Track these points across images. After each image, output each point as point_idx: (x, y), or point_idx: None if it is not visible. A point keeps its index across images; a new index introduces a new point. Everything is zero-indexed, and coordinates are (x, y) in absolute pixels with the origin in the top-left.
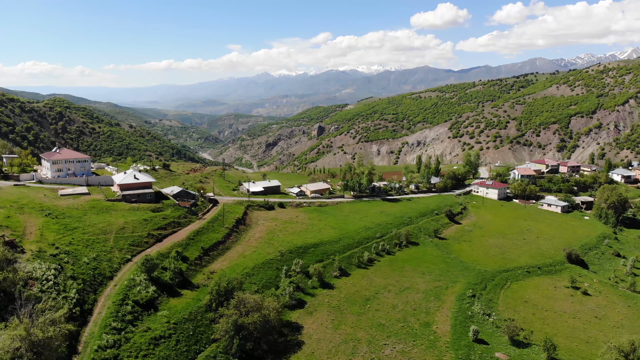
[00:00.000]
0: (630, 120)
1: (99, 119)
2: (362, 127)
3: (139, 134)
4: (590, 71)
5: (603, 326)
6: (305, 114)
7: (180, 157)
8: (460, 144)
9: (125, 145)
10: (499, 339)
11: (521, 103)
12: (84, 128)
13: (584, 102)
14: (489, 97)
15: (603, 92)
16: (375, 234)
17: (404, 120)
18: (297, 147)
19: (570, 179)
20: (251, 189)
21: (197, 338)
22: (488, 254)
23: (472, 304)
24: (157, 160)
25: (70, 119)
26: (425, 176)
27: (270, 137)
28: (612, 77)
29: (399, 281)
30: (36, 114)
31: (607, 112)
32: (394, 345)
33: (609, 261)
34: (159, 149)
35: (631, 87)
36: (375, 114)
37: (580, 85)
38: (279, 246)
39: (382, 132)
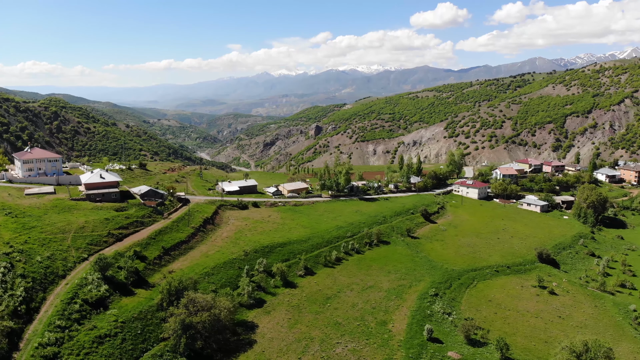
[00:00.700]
0: (625, 120)
1: (95, 118)
2: (359, 126)
3: (136, 134)
4: (586, 71)
5: (565, 326)
6: (303, 113)
7: (177, 156)
8: (455, 144)
9: (120, 145)
10: (455, 338)
11: (517, 103)
12: (79, 128)
13: (580, 102)
14: (486, 97)
15: (599, 91)
16: (346, 233)
17: (400, 120)
18: (295, 146)
19: (553, 179)
20: (226, 188)
21: (145, 337)
22: (459, 253)
23: (433, 303)
24: (135, 160)
25: (65, 119)
26: (404, 176)
27: (268, 137)
28: (608, 76)
29: (363, 280)
30: (31, 114)
31: (602, 112)
32: (347, 344)
33: (582, 261)
34: (155, 148)
35: (627, 86)
36: (373, 114)
37: (577, 84)
38: (245, 246)
39: (379, 132)
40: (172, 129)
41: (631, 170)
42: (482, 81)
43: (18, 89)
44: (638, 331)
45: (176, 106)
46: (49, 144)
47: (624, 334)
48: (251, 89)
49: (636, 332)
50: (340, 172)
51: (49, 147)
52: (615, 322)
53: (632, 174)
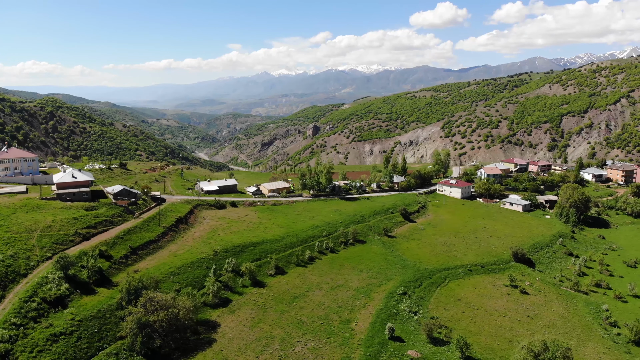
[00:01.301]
0: (621, 120)
1: (91, 118)
2: (356, 126)
3: (133, 134)
4: (583, 70)
5: (532, 325)
6: (302, 113)
7: (174, 156)
8: (452, 144)
9: (115, 144)
10: (418, 336)
11: (514, 102)
12: (75, 128)
13: (576, 102)
14: (483, 97)
15: (595, 91)
16: (322, 233)
17: (397, 120)
18: (292, 146)
19: (538, 178)
20: (205, 188)
21: (102, 335)
22: (434, 252)
23: (401, 302)
24: (115, 160)
25: (61, 119)
26: (387, 175)
27: (266, 137)
28: (605, 76)
29: (333, 279)
30: (27, 114)
31: (598, 112)
32: (307, 343)
33: (559, 260)
34: (152, 148)
35: (623, 86)
36: (370, 114)
37: (573, 84)
38: (216, 245)
39: (376, 132)
40: (170, 129)
41: (618, 169)
42: (480, 81)
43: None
44: (607, 331)
45: (176, 106)
46: (45, 144)
47: (592, 334)
48: (251, 89)
49: (605, 332)
50: (322, 172)
51: (44, 146)
52: (585, 322)
53: (619, 174)
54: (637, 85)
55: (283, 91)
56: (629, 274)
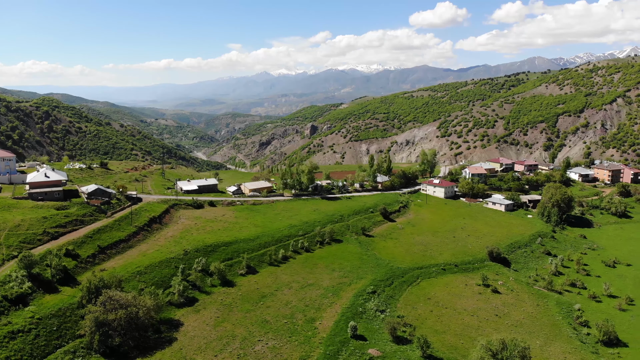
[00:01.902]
0: (617, 119)
1: (88, 118)
2: (353, 126)
3: (130, 133)
4: (579, 70)
5: (500, 324)
6: (300, 113)
7: (171, 156)
8: (448, 143)
9: (111, 144)
10: (381, 335)
11: (510, 102)
12: (71, 127)
13: (572, 101)
14: (480, 96)
15: (591, 91)
16: (298, 232)
17: (395, 120)
18: (290, 146)
19: (522, 178)
20: (184, 187)
21: (61, 333)
22: (410, 251)
23: (369, 300)
24: (97, 159)
25: (57, 119)
26: (371, 175)
27: (264, 137)
28: (601, 75)
29: (305, 278)
30: (22, 114)
31: (594, 111)
32: (268, 342)
33: (537, 260)
34: (148, 148)
35: (620, 85)
36: (368, 113)
37: (569, 84)
38: (187, 245)
39: (373, 132)
40: (169, 129)
41: (605, 169)
42: (477, 80)
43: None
44: (577, 331)
45: (175, 106)
46: (40, 144)
47: (559, 334)
48: (251, 89)
49: (574, 331)
50: (303, 172)
51: (39, 146)
52: (554, 322)
53: (606, 173)
54: (633, 84)
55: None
56: (606, 273)
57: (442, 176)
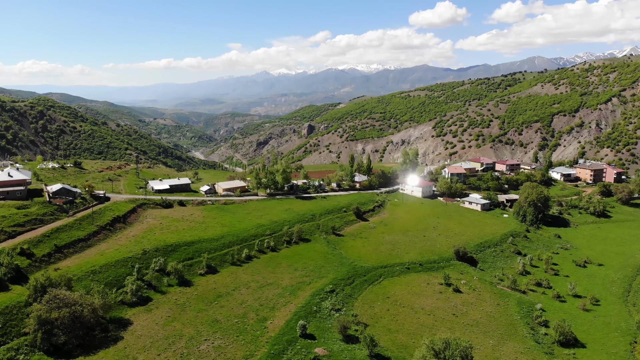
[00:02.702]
0: (612, 119)
1: (83, 117)
2: (350, 126)
3: (126, 133)
4: (575, 70)
5: (455, 324)
6: (298, 112)
7: (167, 155)
8: (443, 143)
9: (105, 144)
10: (333, 334)
11: (505, 102)
12: (65, 127)
13: (567, 101)
14: (476, 96)
15: (587, 90)
16: (266, 232)
17: (391, 119)
18: (287, 145)
19: (502, 177)
20: (155, 187)
21: (5, 331)
22: (377, 250)
23: (326, 299)
24: (73, 158)
25: (51, 118)
26: (348, 174)
27: (262, 136)
28: (597, 75)
29: (265, 277)
30: (17, 113)
31: (589, 111)
32: (215, 341)
33: (506, 259)
34: (144, 147)
35: (615, 85)
36: (365, 113)
37: (565, 83)
38: (148, 244)
39: (369, 131)
40: (167, 128)
41: (587, 169)
42: (473, 80)
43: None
44: (534, 331)
45: (175, 105)
46: (34, 143)
47: (515, 333)
48: (250, 88)
49: (531, 331)
50: (277, 171)
51: (33, 145)
52: (512, 321)
53: (588, 173)
54: (628, 84)
55: (282, 90)
56: (576, 273)
57: (423, 176)
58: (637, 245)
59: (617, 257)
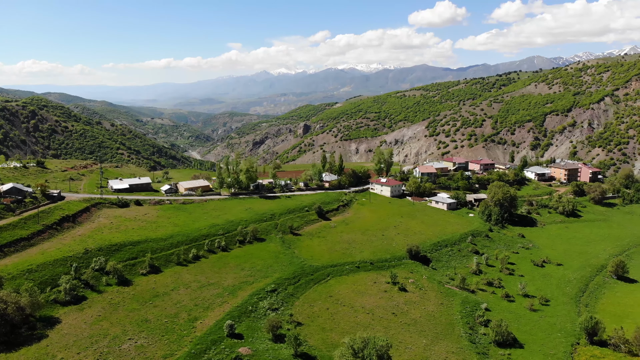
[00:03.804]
0: (604, 118)
1: (77, 117)
2: (344, 125)
3: (120, 133)
4: (569, 69)
5: (392, 323)
6: (295, 112)
7: (161, 155)
8: (436, 143)
9: (97, 143)
10: (263, 334)
11: (499, 101)
12: (57, 127)
13: (560, 100)
14: (470, 96)
15: (580, 90)
16: (219, 231)
17: (385, 119)
18: (282, 145)
19: (473, 177)
20: (115, 186)
21: None
22: (332, 249)
23: (265, 299)
24: (36, 158)
25: (43, 118)
26: (317, 173)
27: (258, 136)
28: (591, 74)
29: (208, 277)
30: (8, 113)
31: (582, 110)
32: (138, 340)
33: (462, 258)
34: (138, 147)
35: (608, 84)
36: (360, 112)
37: (558, 83)
38: (92, 244)
39: (363, 131)
40: (164, 128)
41: (561, 168)
42: (468, 80)
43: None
44: (472, 330)
45: (174, 105)
46: (25, 143)
47: (451, 333)
48: (250, 88)
49: (470, 331)
50: (241, 170)
51: (24, 145)
52: (451, 320)
53: (562, 172)
54: (621, 83)
55: (282, 90)
56: (532, 273)
57: (394, 175)
58: (601, 246)
59: (578, 257)
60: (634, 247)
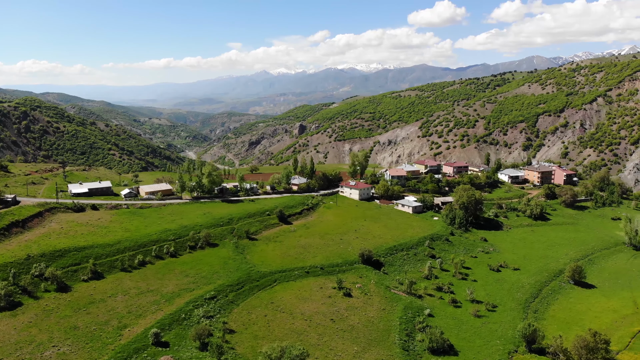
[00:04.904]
0: (596, 119)
1: (70, 118)
2: (339, 126)
3: (115, 133)
4: (563, 69)
5: (329, 329)
6: (292, 112)
7: (155, 156)
8: (428, 143)
9: (89, 144)
10: (190, 342)
11: (492, 102)
12: (48, 127)
13: (553, 101)
14: (465, 96)
15: (573, 90)
16: (170, 237)
17: (380, 120)
18: (278, 145)
19: (443, 180)
20: (74, 190)
21: None
22: (286, 254)
23: (201, 307)
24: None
25: (34, 118)
26: (284, 176)
27: (254, 136)
28: (584, 75)
29: (149, 284)
30: (0, 114)
31: (574, 111)
32: (62, 347)
33: (417, 262)
34: (131, 148)
35: (601, 85)
36: (355, 113)
37: (552, 83)
38: (37, 249)
39: (358, 131)
40: (162, 128)
41: (534, 171)
42: (463, 80)
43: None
44: (411, 337)
45: (174, 105)
46: (16, 144)
47: (386, 339)
48: (250, 88)
49: (406, 337)
50: (204, 174)
51: (15, 146)
52: (389, 327)
53: (536, 175)
54: (614, 84)
55: (282, 90)
56: (486, 278)
57: (365, 178)
58: (564, 249)
59: (538, 261)
60: (598, 252)
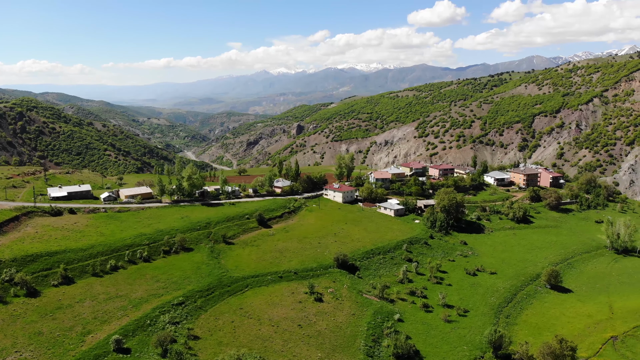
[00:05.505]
0: (592, 119)
1: (67, 118)
2: (336, 126)
3: (112, 133)
4: (559, 70)
5: (295, 335)
6: (290, 112)
7: (152, 156)
8: (425, 144)
9: (85, 145)
10: (152, 349)
11: (489, 102)
12: (44, 128)
13: (549, 101)
14: (462, 97)
15: (569, 91)
16: (143, 241)
17: (377, 120)
18: (276, 145)
19: (427, 182)
20: (53, 194)
21: None
22: (261, 258)
23: (167, 313)
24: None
25: (30, 119)
26: (267, 179)
27: (252, 136)
28: (581, 75)
29: (119, 289)
30: None
31: (570, 112)
32: (23, 353)
33: (393, 266)
34: (129, 148)
35: (598, 85)
36: (352, 113)
37: (548, 84)
38: (8, 254)
39: (355, 132)
40: (161, 128)
41: (520, 173)
42: (460, 80)
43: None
44: (377, 342)
45: (174, 104)
46: (11, 145)
47: (351, 345)
48: (250, 88)
49: (372, 343)
50: (183, 177)
51: (10, 147)
52: (356, 332)
53: (521, 177)
54: (611, 84)
55: (281, 90)
56: (461, 282)
57: (349, 181)
58: (544, 253)
59: (516, 265)
60: (578, 255)
